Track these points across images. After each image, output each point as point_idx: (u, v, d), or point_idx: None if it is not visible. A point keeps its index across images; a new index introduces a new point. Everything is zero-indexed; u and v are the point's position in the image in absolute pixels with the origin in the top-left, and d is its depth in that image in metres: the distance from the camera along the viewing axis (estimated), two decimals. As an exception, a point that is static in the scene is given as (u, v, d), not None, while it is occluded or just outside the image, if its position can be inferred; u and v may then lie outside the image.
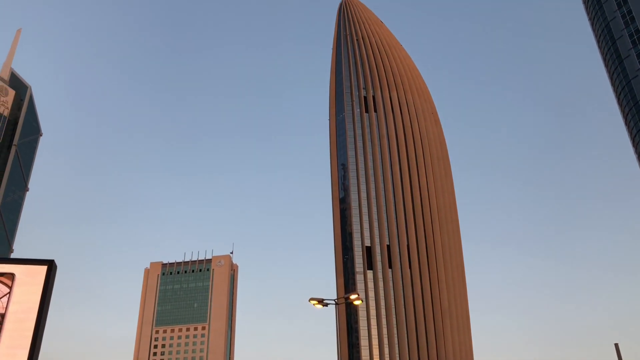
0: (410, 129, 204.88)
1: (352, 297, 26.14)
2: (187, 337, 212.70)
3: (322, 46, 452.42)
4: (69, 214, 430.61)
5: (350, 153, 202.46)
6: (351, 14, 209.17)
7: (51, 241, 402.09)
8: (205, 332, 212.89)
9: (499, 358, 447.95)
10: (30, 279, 15.86)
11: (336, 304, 25.63)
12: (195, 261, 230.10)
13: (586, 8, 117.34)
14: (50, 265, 16.14)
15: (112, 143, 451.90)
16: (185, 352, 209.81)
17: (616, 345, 20.67)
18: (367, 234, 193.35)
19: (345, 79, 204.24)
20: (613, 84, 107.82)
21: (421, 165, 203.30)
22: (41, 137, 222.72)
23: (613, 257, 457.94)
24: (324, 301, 25.49)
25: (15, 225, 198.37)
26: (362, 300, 27.03)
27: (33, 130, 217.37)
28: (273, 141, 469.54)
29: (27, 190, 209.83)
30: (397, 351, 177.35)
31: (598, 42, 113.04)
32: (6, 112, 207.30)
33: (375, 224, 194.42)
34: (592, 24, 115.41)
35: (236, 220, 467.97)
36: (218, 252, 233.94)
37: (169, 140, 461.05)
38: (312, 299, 25.24)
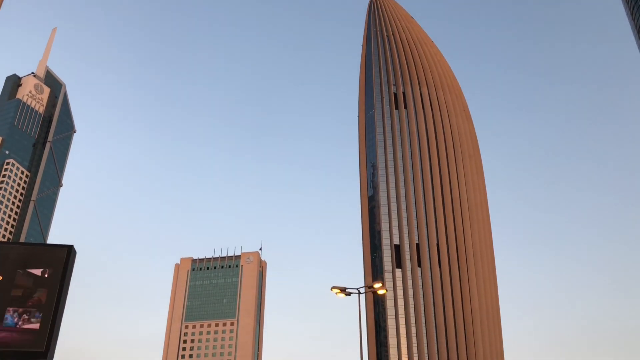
0: (441, 125, 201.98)
1: (376, 285, 25.17)
2: (216, 332, 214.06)
3: (352, 43, 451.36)
4: (101, 211, 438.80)
5: (380, 150, 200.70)
6: (381, 10, 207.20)
7: (83, 237, 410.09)
8: (234, 327, 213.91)
9: (532, 358, 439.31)
10: (50, 264, 16.70)
11: (359, 292, 24.71)
12: (224, 257, 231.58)
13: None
14: (70, 250, 17.13)
15: (143, 140, 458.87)
16: (214, 347, 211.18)
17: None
18: (395, 232, 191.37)
19: (375, 76, 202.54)
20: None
21: (452, 162, 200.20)
22: (75, 134, 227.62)
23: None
24: (347, 290, 24.59)
25: (49, 220, 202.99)
26: (386, 290, 25.96)
27: (67, 127, 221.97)
28: (301, 138, 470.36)
29: (61, 186, 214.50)
30: (425, 351, 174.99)
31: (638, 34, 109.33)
32: (41, 109, 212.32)
33: (405, 222, 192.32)
34: (632, 18, 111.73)
35: (265, 218, 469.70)
36: (247, 249, 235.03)
37: (199, 138, 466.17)
38: (334, 287, 24.39)
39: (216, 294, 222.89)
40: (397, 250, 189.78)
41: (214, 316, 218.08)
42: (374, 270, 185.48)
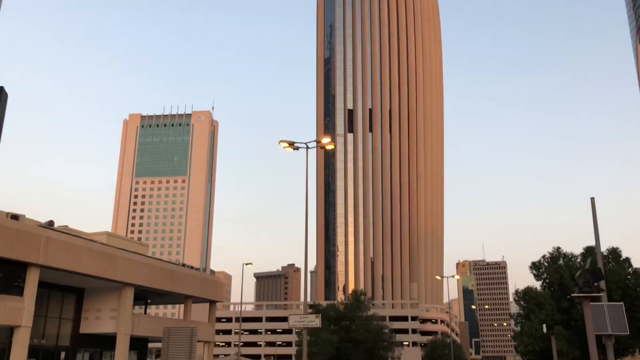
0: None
1: (325, 141, 24.94)
2: (167, 189, 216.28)
3: None
4: (45, 60, 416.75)
5: (339, 10, 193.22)
6: None
7: (26, 86, 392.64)
8: (186, 185, 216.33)
9: (470, 222, 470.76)
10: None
11: (307, 147, 24.49)
12: (175, 115, 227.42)
13: None
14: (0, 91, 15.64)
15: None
16: (166, 203, 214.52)
17: (592, 199, 20.09)
18: (350, 96, 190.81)
19: None
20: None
21: (410, 27, 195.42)
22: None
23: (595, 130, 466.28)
24: (295, 144, 24.30)
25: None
26: (334, 146, 25.83)
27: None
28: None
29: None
30: (370, 212, 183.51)
31: None
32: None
33: (359, 87, 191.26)
34: None
35: (217, 77, 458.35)
36: (198, 108, 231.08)
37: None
38: (282, 141, 24.01)
39: (167, 151, 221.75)
40: (350, 114, 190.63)
41: (165, 173, 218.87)
42: (327, 133, 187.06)
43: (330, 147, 25.10)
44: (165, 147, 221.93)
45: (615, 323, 16.65)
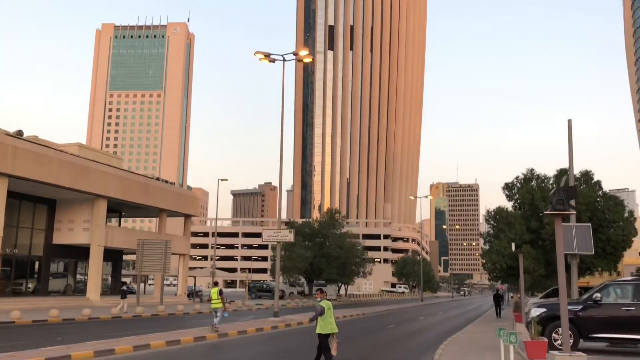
0: None
1: (302, 53, 23.97)
2: (142, 103, 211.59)
3: None
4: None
5: None
6: None
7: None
8: (161, 99, 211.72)
9: (446, 145, 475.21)
10: None
11: (284, 60, 23.52)
12: (149, 26, 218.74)
13: None
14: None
15: None
16: (141, 117, 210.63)
17: (569, 121, 20.09)
18: (331, 11, 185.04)
19: None
20: None
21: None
22: None
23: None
24: (271, 56, 23.31)
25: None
26: (312, 59, 24.97)
27: None
28: None
29: None
30: (349, 132, 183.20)
31: None
32: None
33: (341, 1, 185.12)
34: None
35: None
36: (174, 19, 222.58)
37: None
38: (257, 52, 22.96)
39: (141, 64, 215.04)
40: (331, 31, 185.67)
41: (140, 87, 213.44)
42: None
43: (308, 60, 24.17)
44: (140, 60, 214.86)
45: (582, 243, 17.02)
